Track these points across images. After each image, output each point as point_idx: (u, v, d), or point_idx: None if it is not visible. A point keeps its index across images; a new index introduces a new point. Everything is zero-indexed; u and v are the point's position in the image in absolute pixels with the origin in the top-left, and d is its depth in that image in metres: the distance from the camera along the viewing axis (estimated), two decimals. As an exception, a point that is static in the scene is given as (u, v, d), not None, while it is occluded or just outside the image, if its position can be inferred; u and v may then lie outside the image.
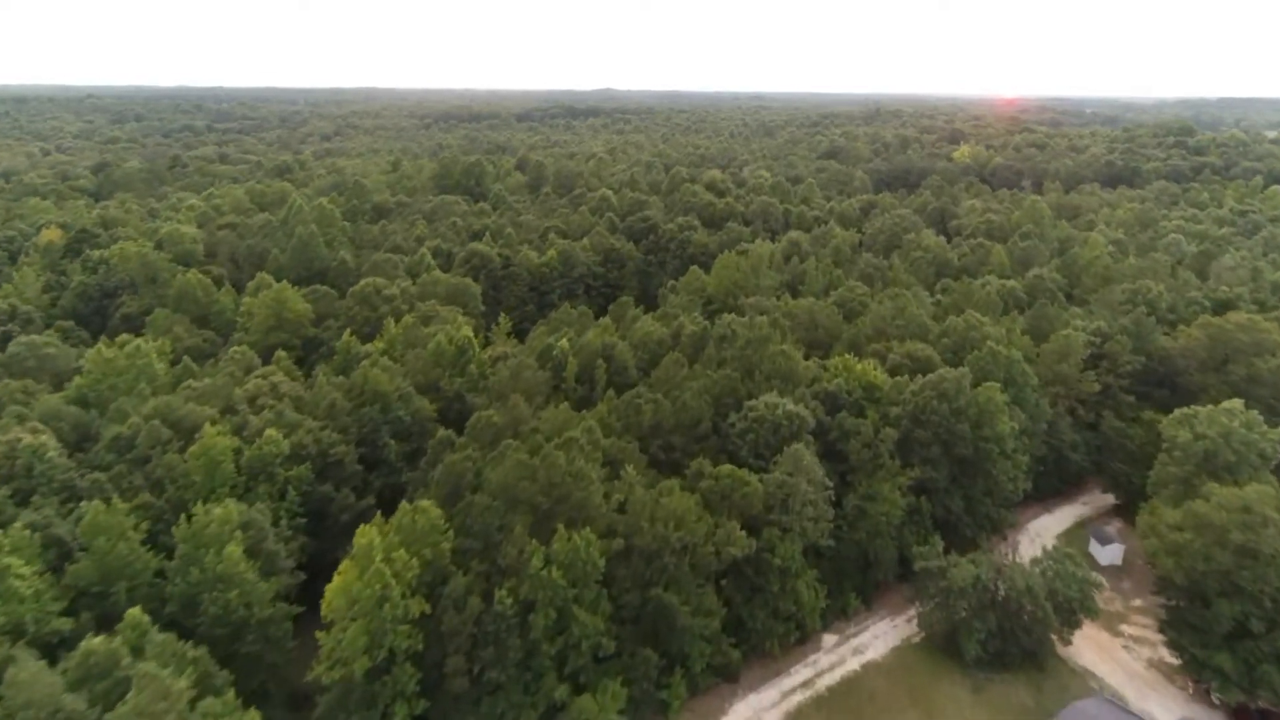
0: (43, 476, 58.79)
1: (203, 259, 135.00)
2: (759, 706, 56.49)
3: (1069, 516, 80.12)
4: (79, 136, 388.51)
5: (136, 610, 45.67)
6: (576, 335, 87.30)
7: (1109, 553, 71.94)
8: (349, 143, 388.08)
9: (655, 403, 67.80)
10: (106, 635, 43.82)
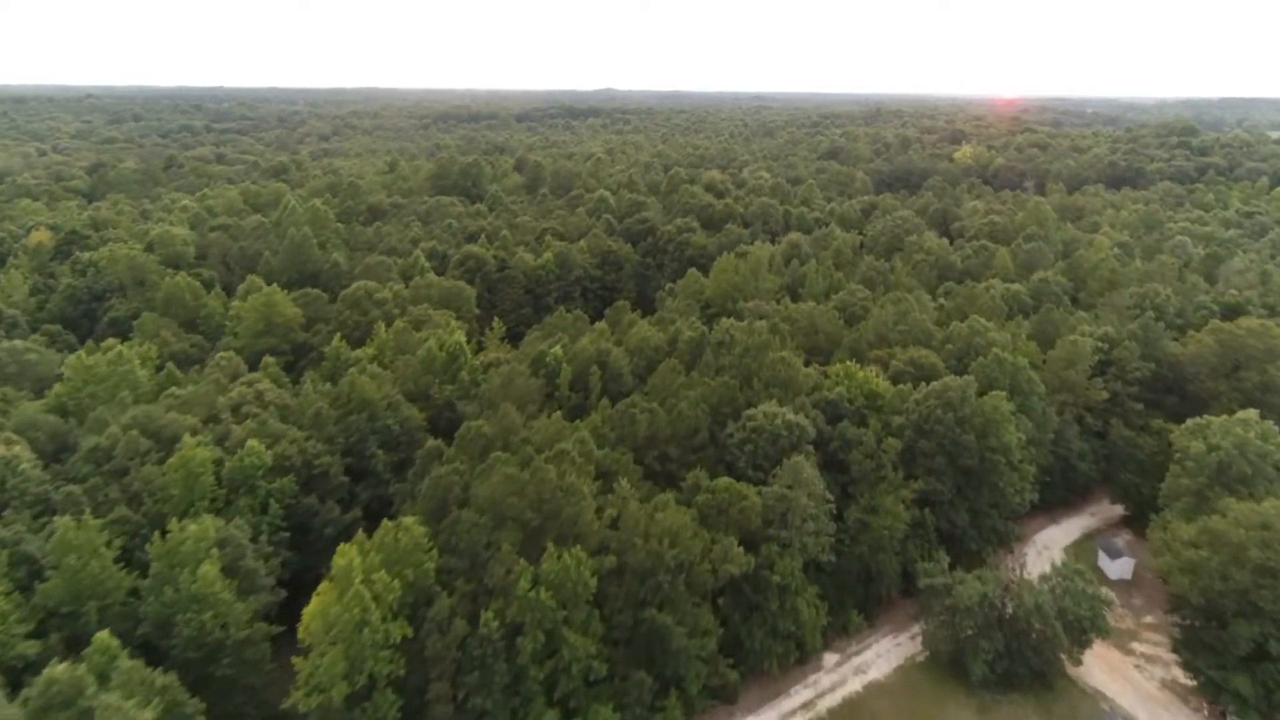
0: (15, 490, 56.69)
1: (194, 261, 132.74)
2: (758, 729, 54.47)
3: (1076, 528, 77.95)
4: (76, 137, 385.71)
5: (105, 634, 43.63)
6: (571, 341, 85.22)
7: (1118, 567, 69.80)
8: (347, 143, 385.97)
9: (651, 412, 65.74)
10: (72, 661, 41.78)
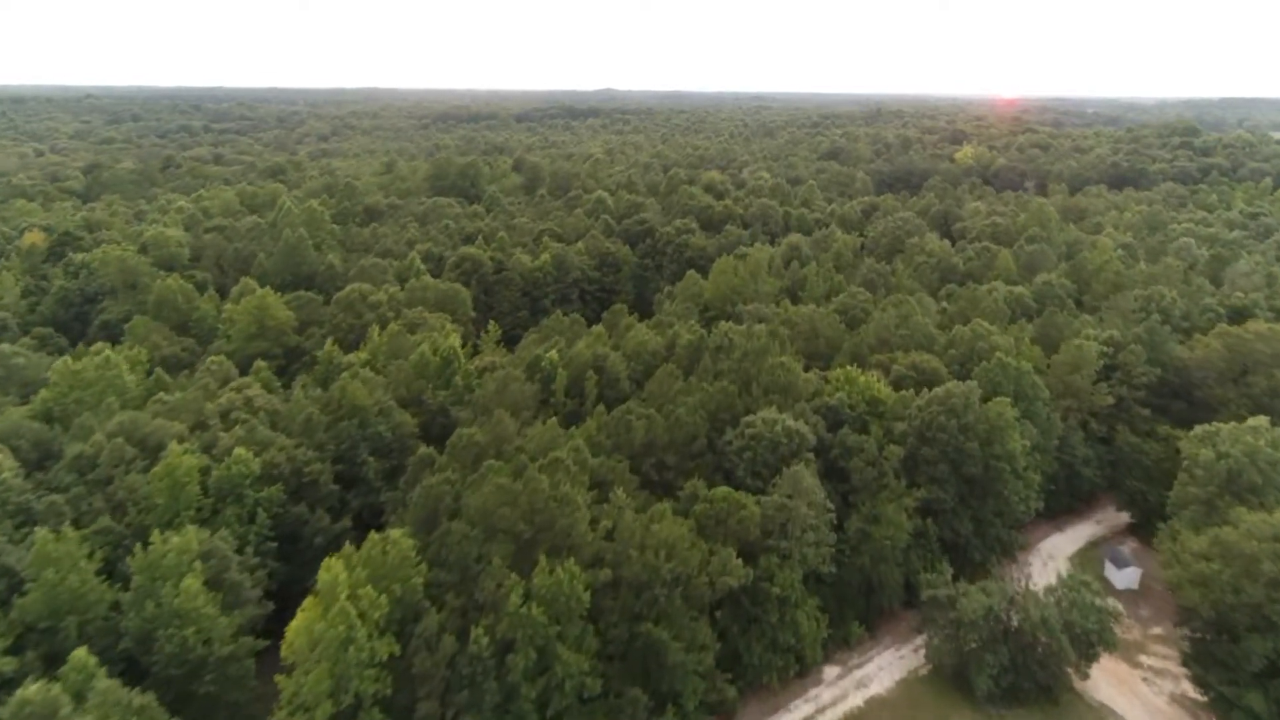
0: (-5, 500, 55.37)
1: (188, 263, 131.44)
2: (756, 745, 53.08)
3: (1082, 536, 76.50)
4: (74, 137, 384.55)
5: (82, 651, 42.24)
6: (567, 345, 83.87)
7: (1125, 576, 68.37)
8: (345, 143, 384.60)
9: (648, 419, 64.34)
10: (47, 680, 40.44)
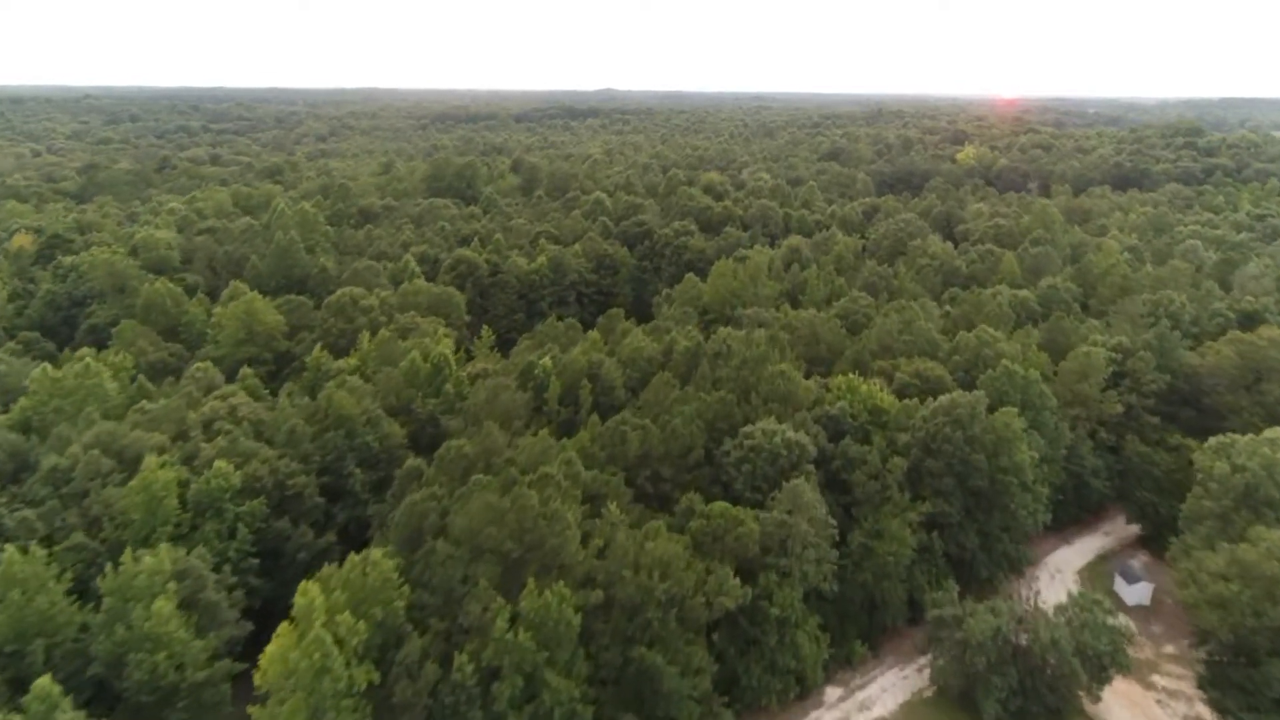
0: (-35, 515, 53.37)
1: (178, 266, 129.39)
2: (755, 772, 51.03)
3: (1090, 549, 74.34)
4: (72, 137, 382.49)
5: (46, 680, 40.08)
6: (562, 351, 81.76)
7: (1136, 592, 66.23)
8: (344, 144, 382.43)
9: (643, 429, 62.19)
10: (7, 712, 38.44)
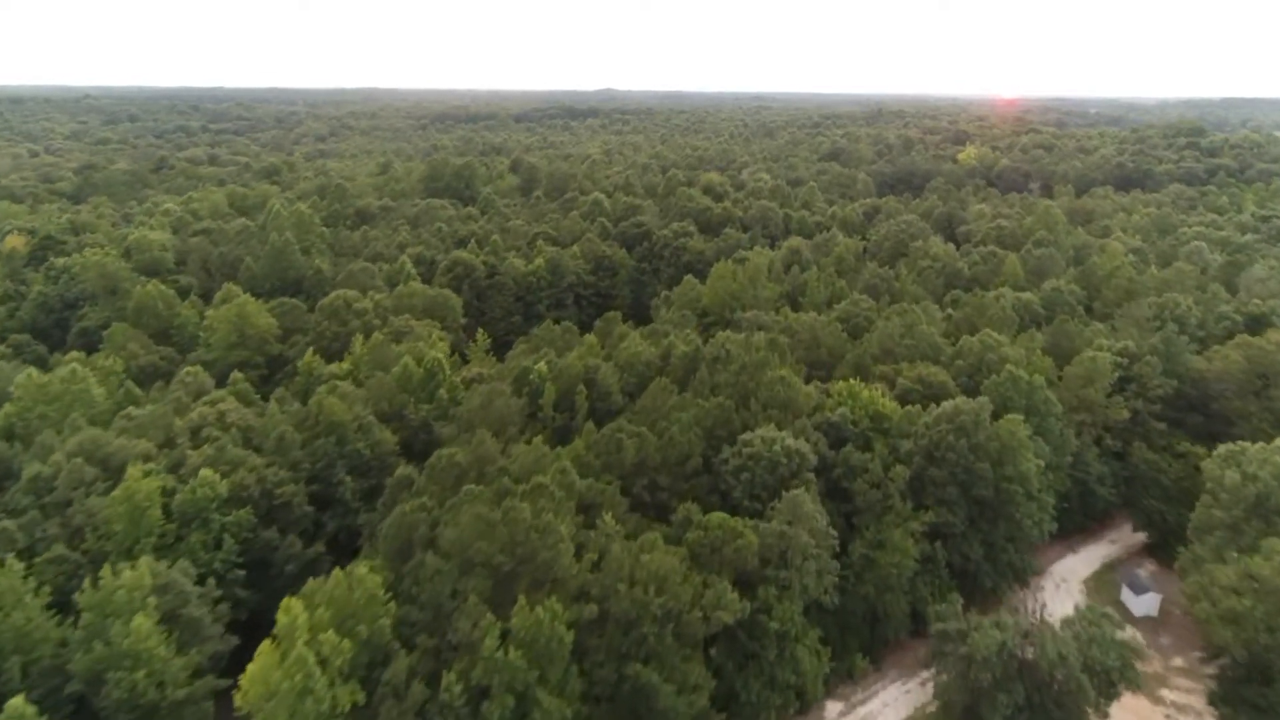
0: (-57, 526, 51.99)
1: (172, 267, 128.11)
2: (753, 790, 49.58)
3: (1096, 557, 72.95)
4: (70, 138, 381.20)
5: (19, 700, 38.82)
6: (558, 355, 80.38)
7: (1144, 603, 64.81)
8: (343, 144, 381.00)
9: (639, 437, 60.81)
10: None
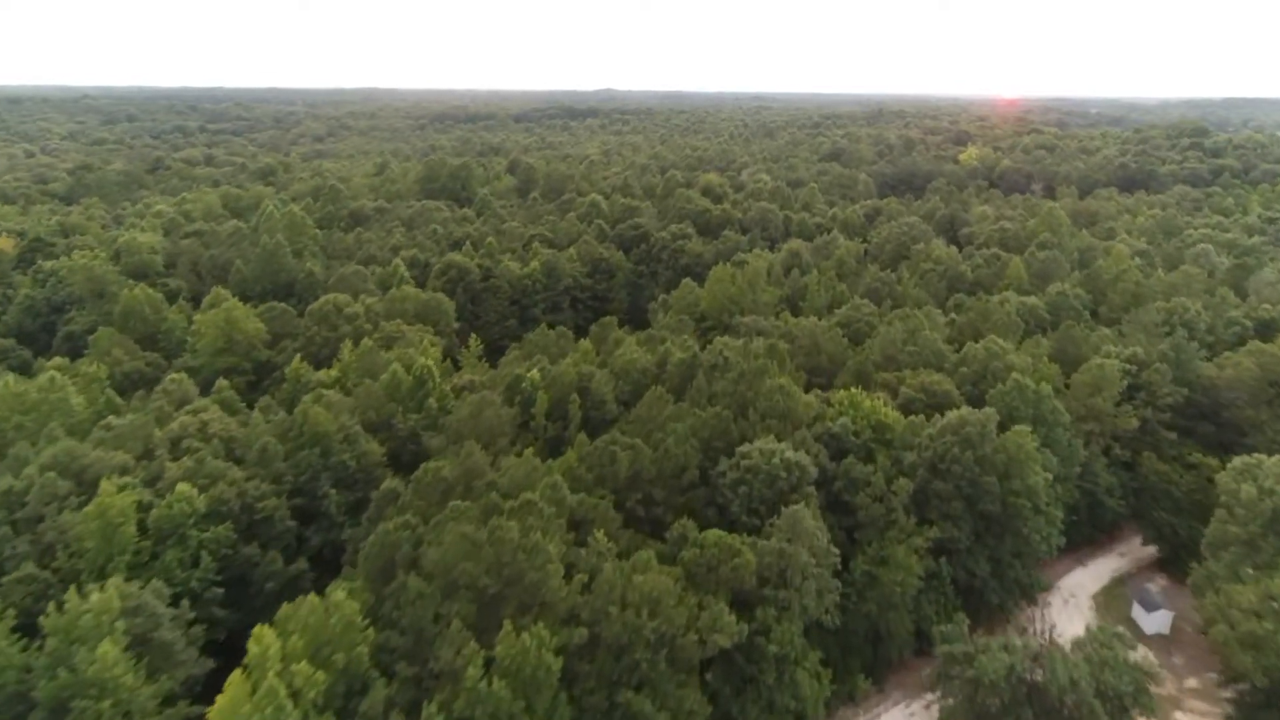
0: (-92, 544, 50.02)
1: (162, 270, 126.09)
2: (751, 820, 47.50)
3: (1105, 571, 70.88)
4: (67, 138, 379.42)
5: (-25, 734, 36.91)
6: (551, 362, 78.33)
7: (1156, 620, 62.73)
8: (341, 144, 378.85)
9: (633, 449, 58.71)
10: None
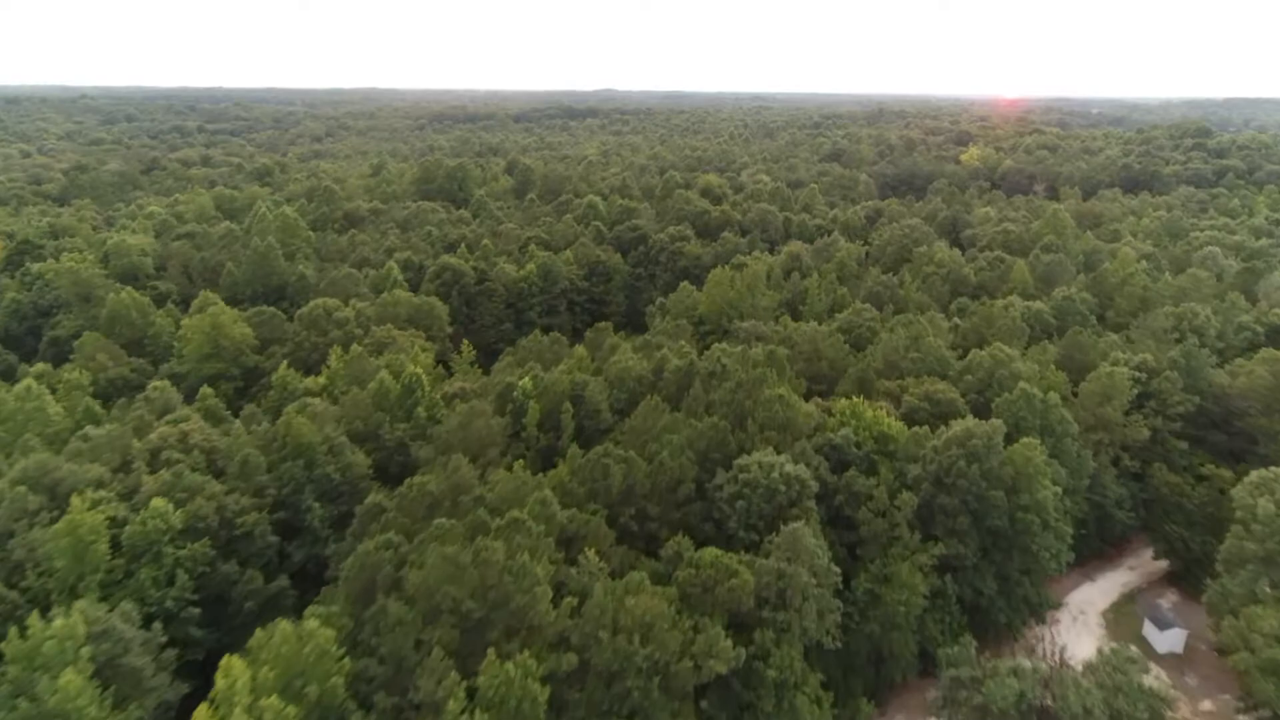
0: None
1: (152, 273, 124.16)
2: None
3: (1115, 586, 68.78)
4: (64, 138, 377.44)
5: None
6: (545, 369, 76.23)
7: (1168, 639, 60.60)
8: (339, 145, 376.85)
9: (627, 462, 56.69)
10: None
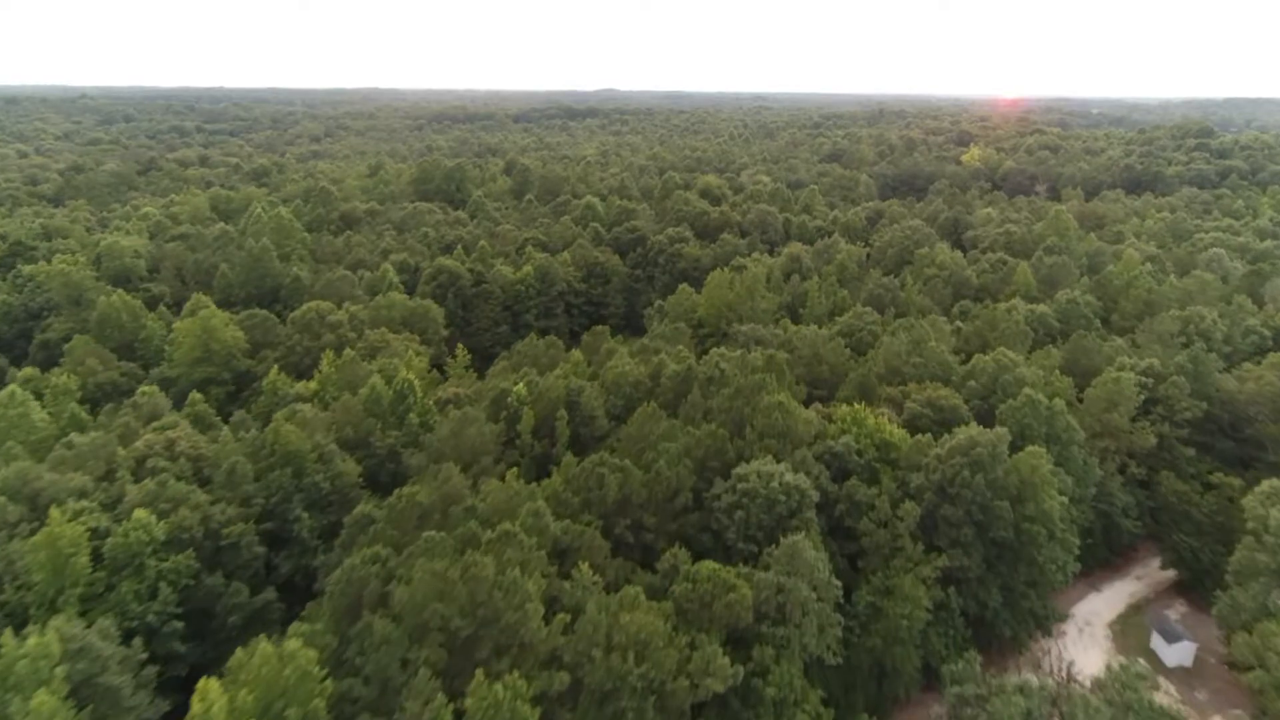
0: None
1: (145, 275, 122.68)
2: None
3: (1121, 596, 67.34)
4: (62, 138, 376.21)
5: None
6: (540, 374, 74.86)
7: (1177, 652, 59.19)
8: (337, 145, 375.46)
9: (623, 471, 55.31)
10: None
